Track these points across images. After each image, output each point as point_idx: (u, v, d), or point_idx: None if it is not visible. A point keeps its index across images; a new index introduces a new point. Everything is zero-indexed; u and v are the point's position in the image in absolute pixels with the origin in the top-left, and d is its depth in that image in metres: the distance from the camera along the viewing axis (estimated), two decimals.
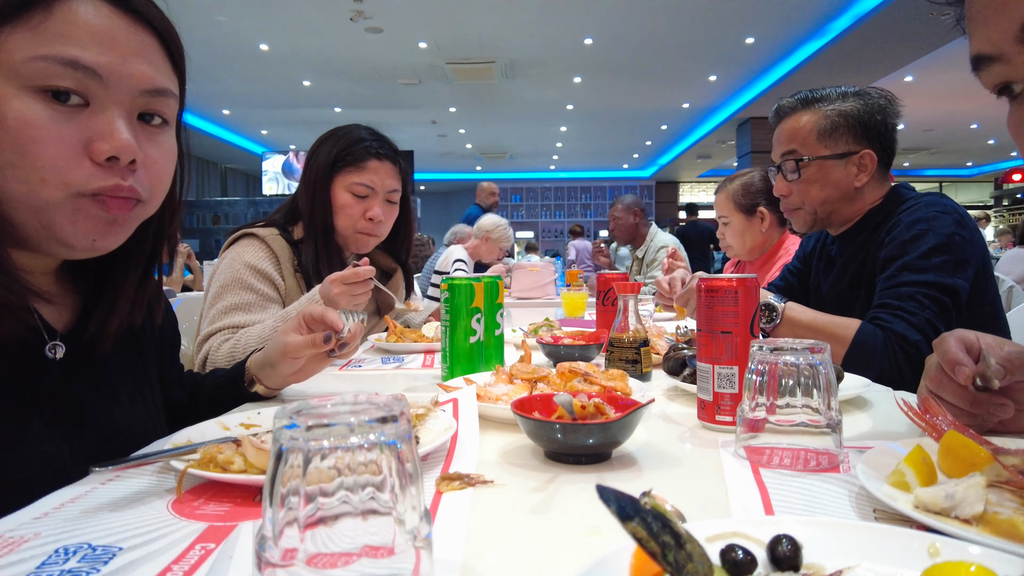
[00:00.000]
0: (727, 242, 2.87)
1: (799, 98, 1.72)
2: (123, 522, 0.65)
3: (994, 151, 17.30)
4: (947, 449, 0.72)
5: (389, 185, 1.86)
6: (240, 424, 0.94)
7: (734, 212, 2.78)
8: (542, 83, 10.89)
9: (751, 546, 0.47)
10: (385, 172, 1.85)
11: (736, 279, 0.97)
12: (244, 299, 1.63)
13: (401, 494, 0.42)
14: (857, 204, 1.70)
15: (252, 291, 1.65)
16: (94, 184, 0.75)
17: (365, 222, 1.82)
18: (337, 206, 1.81)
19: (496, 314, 1.34)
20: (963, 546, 0.49)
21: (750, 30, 8.58)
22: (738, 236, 2.80)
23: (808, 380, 0.78)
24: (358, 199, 1.82)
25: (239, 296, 1.63)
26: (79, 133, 0.74)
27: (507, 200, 21.46)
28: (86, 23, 0.73)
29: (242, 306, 1.62)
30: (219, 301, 1.63)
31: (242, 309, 1.62)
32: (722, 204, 2.83)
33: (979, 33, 0.68)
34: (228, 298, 1.63)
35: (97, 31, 0.74)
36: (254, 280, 1.66)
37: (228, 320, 1.60)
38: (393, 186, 1.87)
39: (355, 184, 1.81)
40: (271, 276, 1.69)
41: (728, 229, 2.83)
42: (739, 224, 2.78)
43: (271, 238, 1.73)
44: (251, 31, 8.44)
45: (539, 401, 0.88)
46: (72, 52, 0.72)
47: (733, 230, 2.81)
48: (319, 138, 1.88)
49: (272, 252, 1.72)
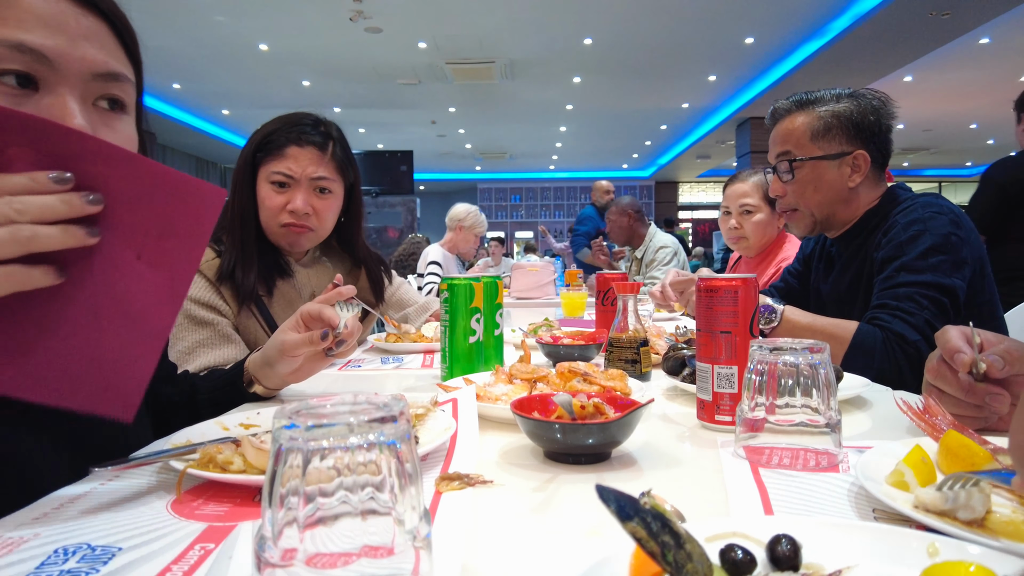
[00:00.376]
0: (743, 232, 2.78)
1: (794, 100, 1.73)
2: (122, 522, 0.65)
3: (993, 151, 17.29)
4: (946, 449, 0.72)
5: (312, 172, 1.65)
6: (239, 424, 0.94)
7: (764, 204, 2.72)
8: (542, 83, 10.89)
9: (750, 546, 0.47)
10: (307, 158, 1.65)
11: (736, 279, 0.97)
12: (201, 336, 1.53)
13: (400, 494, 0.42)
14: (853, 206, 1.70)
15: (206, 325, 1.55)
16: None
17: (286, 214, 1.65)
18: (260, 201, 1.66)
19: (495, 314, 1.34)
20: (962, 546, 0.49)
21: (749, 30, 8.58)
22: (761, 228, 2.75)
23: (807, 380, 0.78)
24: (278, 190, 1.65)
25: (195, 334, 1.53)
26: None
27: (507, 200, 21.46)
28: (31, 7, 0.71)
29: (203, 343, 1.53)
30: (177, 343, 1.53)
31: (205, 346, 1.53)
32: (751, 193, 2.75)
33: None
34: (186, 338, 1.53)
35: (43, 15, 0.72)
36: (201, 312, 1.55)
37: (200, 362, 1.51)
38: (318, 173, 1.66)
39: (273, 173, 1.64)
40: (215, 305, 1.58)
41: (750, 220, 2.75)
42: (766, 217, 2.73)
43: (205, 265, 1.60)
44: (251, 31, 8.43)
45: (538, 401, 0.88)
46: (18, 35, 0.70)
47: (758, 223, 2.74)
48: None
49: (207, 280, 1.59)
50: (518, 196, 21.50)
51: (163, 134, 13.84)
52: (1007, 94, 3.96)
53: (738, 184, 2.82)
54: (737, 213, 2.79)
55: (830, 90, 1.71)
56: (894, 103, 1.70)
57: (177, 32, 8.36)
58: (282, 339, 1.10)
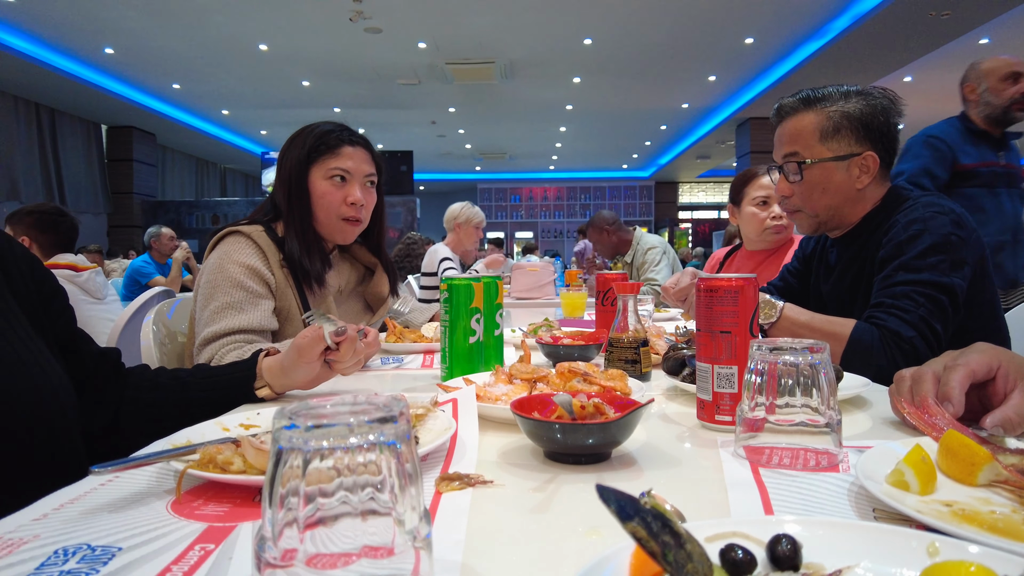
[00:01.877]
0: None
1: (801, 97, 1.69)
2: (122, 523, 0.65)
3: None
4: (946, 449, 0.72)
5: (365, 170, 1.84)
6: (239, 425, 0.94)
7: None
8: (541, 83, 10.90)
9: (751, 546, 0.47)
10: (360, 157, 1.83)
11: (735, 279, 0.97)
12: (235, 297, 1.61)
13: (401, 494, 0.42)
14: (859, 206, 1.69)
15: (242, 288, 1.63)
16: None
17: (347, 207, 1.80)
18: (317, 195, 1.79)
19: (495, 314, 1.34)
20: (962, 545, 0.49)
21: (749, 30, 8.59)
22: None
23: (807, 380, 0.78)
24: (337, 185, 1.80)
25: (230, 295, 1.61)
26: None
27: (506, 200, 21.46)
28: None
29: (234, 304, 1.60)
30: (211, 302, 1.61)
31: (234, 308, 1.60)
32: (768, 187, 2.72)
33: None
34: (219, 297, 1.61)
35: None
36: (244, 277, 1.64)
37: (225, 323, 1.57)
38: (369, 170, 1.85)
39: (332, 170, 1.79)
40: (261, 272, 1.67)
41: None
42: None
43: (257, 234, 1.72)
44: (250, 31, 8.44)
45: (538, 401, 0.88)
46: None
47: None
48: (289, 138, 1.87)
49: (259, 248, 1.70)
50: (518, 196, 21.50)
51: (163, 134, 13.85)
52: None
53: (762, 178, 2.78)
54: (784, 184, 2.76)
55: (838, 87, 1.67)
56: (902, 101, 1.67)
57: (177, 32, 8.36)
58: (298, 343, 1.14)
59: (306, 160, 1.80)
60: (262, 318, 1.62)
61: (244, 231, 1.72)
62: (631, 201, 21.20)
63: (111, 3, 7.53)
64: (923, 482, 0.66)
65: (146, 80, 10.70)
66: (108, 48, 9.14)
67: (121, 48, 9.13)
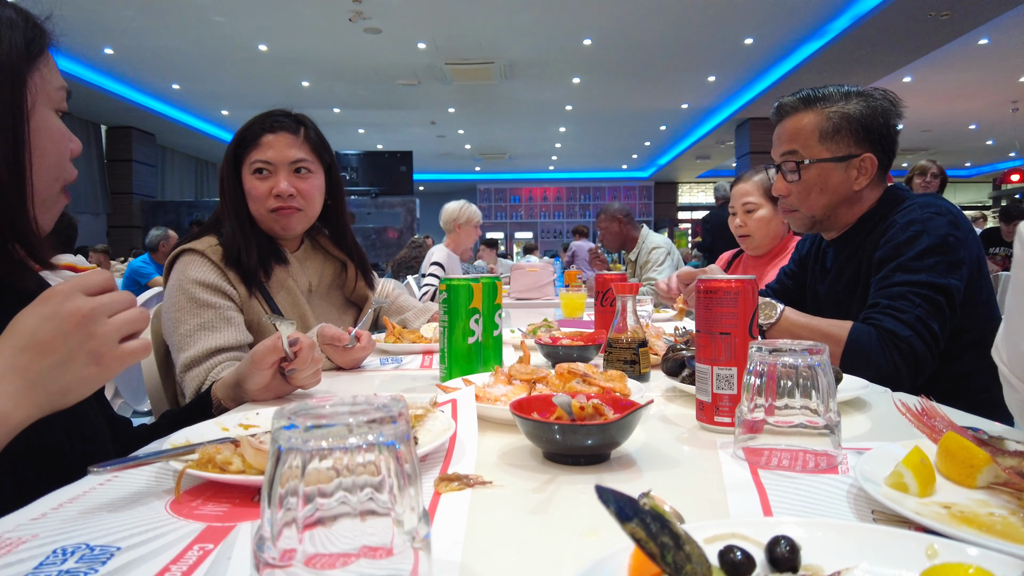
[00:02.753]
0: (748, 230, 2.82)
1: (801, 97, 1.69)
2: (121, 522, 0.65)
3: (992, 152, 17.33)
4: (945, 451, 0.72)
5: (290, 156, 1.72)
6: (238, 424, 0.94)
7: (765, 200, 2.74)
8: (541, 84, 10.90)
9: (749, 547, 0.47)
10: (283, 143, 1.72)
11: (735, 280, 0.97)
12: (204, 318, 1.56)
13: (400, 495, 0.42)
14: (856, 207, 1.69)
15: (208, 307, 1.58)
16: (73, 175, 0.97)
17: (272, 199, 1.71)
18: (247, 193, 1.73)
19: (494, 315, 1.34)
20: (961, 547, 0.49)
21: (749, 31, 8.59)
22: (764, 225, 2.76)
23: (807, 381, 0.78)
24: (261, 177, 1.72)
25: (198, 316, 1.56)
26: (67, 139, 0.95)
27: (506, 201, 21.47)
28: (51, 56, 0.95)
29: (205, 325, 1.55)
30: (180, 326, 1.56)
31: (206, 328, 1.55)
32: (752, 191, 2.77)
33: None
34: (188, 320, 1.56)
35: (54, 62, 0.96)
36: (206, 295, 1.58)
37: (201, 344, 1.52)
38: (296, 156, 1.72)
39: (254, 163, 1.71)
40: (221, 287, 1.61)
41: (753, 218, 2.78)
42: (768, 213, 2.74)
43: (209, 250, 1.65)
44: (250, 31, 8.43)
45: (538, 402, 0.88)
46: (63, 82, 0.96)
47: (760, 219, 2.76)
48: None
49: (213, 263, 1.64)
50: (517, 197, 21.51)
51: (162, 135, 13.85)
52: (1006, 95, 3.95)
53: (740, 184, 2.86)
54: (741, 212, 2.81)
55: (838, 87, 1.67)
56: (902, 103, 1.67)
57: (176, 33, 8.36)
58: (255, 350, 1.15)
59: (233, 158, 1.75)
60: (237, 334, 1.57)
61: (197, 248, 1.66)
62: (630, 201, 21.21)
63: (111, 3, 7.53)
64: (922, 484, 0.66)
65: (145, 80, 10.70)
66: (108, 48, 9.14)
67: (120, 48, 9.12)
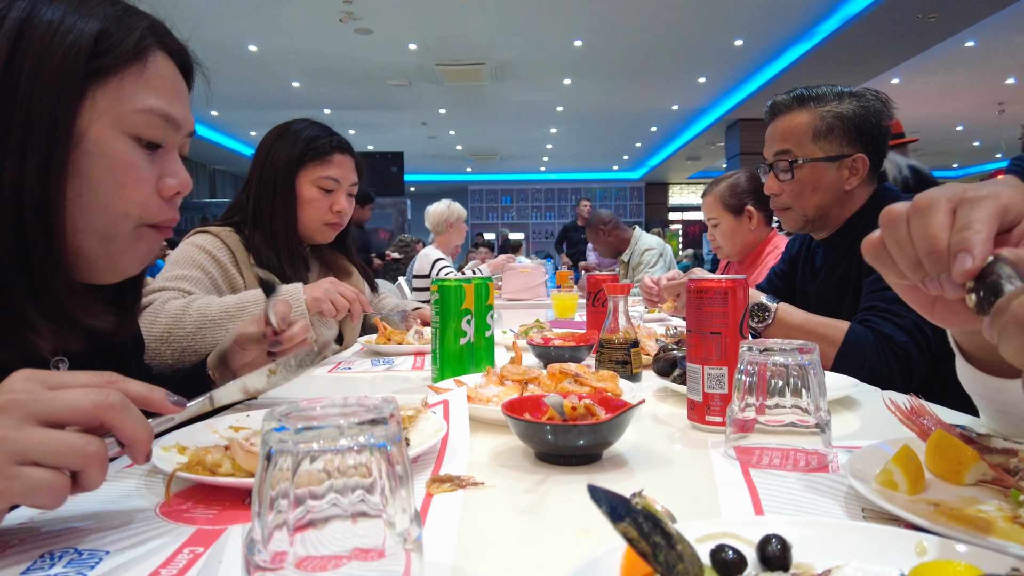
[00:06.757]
0: (717, 243, 2.91)
1: (795, 96, 1.70)
2: (110, 526, 0.64)
3: (979, 153, 17.46)
4: (934, 449, 0.72)
5: (352, 178, 1.89)
6: (229, 427, 0.94)
7: (723, 213, 2.81)
8: (532, 85, 10.90)
9: (741, 546, 0.47)
10: (348, 166, 1.88)
11: (725, 280, 0.97)
12: (192, 274, 1.61)
13: (391, 496, 0.42)
14: (847, 207, 1.71)
15: (201, 270, 1.63)
16: (162, 216, 0.85)
17: (332, 214, 1.84)
18: (304, 201, 1.81)
19: (486, 316, 1.34)
20: (950, 545, 0.49)
21: (739, 32, 8.62)
22: (728, 236, 2.84)
23: (797, 380, 0.78)
24: (324, 193, 1.83)
25: (187, 270, 1.61)
26: (153, 173, 0.83)
27: (497, 202, 21.46)
28: (165, 77, 0.83)
29: (189, 278, 1.60)
30: (167, 273, 1.62)
31: (189, 280, 1.59)
32: (711, 207, 2.86)
33: None
34: (176, 270, 1.61)
35: (172, 86, 0.85)
36: (205, 261, 1.65)
37: (176, 284, 1.57)
38: (354, 179, 1.90)
39: (322, 178, 1.82)
40: (223, 264, 1.67)
41: (718, 231, 2.87)
42: (729, 225, 2.81)
43: (225, 234, 1.73)
44: (240, 32, 8.39)
45: (529, 402, 0.88)
46: (165, 107, 0.82)
47: (723, 231, 2.84)
48: (269, 137, 1.85)
49: (226, 246, 1.71)
50: (509, 198, 21.50)
51: None
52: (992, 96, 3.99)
53: (704, 199, 2.96)
54: (710, 226, 2.91)
55: (832, 87, 1.68)
56: (894, 104, 1.68)
57: None
58: (239, 330, 1.13)
59: (295, 164, 1.81)
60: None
61: (212, 230, 1.73)
62: (622, 202, 21.26)
63: None
64: (911, 482, 0.66)
65: None
66: None
67: None
